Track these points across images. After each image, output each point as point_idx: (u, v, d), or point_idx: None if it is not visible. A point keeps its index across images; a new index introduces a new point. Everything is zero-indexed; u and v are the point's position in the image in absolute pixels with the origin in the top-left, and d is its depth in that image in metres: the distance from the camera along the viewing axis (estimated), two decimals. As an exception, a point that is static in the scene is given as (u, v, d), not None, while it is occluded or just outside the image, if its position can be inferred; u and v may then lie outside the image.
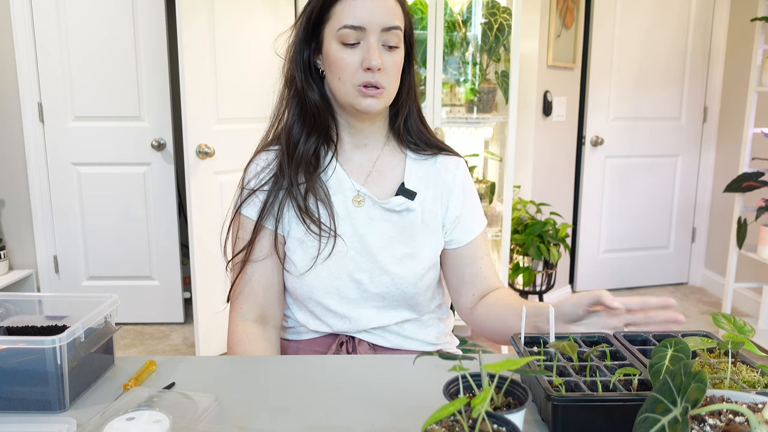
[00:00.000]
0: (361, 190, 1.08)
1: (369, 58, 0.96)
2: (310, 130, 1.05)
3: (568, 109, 3.32)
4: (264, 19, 2.68)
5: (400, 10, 1.01)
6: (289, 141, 1.06)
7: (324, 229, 1.04)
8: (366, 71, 0.98)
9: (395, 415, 0.78)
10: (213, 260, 2.62)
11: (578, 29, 3.28)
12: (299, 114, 1.06)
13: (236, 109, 2.63)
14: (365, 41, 0.97)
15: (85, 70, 2.88)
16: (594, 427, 0.70)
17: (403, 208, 1.08)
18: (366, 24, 0.96)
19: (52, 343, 0.77)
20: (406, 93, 1.08)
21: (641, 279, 3.80)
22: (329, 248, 1.04)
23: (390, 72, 1.00)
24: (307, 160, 1.05)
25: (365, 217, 1.07)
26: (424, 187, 1.10)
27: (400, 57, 1.02)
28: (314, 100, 1.04)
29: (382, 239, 1.06)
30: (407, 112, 1.10)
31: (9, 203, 2.93)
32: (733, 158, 3.46)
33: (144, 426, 0.65)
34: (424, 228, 1.09)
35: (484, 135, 2.86)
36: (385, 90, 1.00)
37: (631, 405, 0.69)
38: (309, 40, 1.03)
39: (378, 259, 1.05)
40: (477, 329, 1.14)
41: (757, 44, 2.78)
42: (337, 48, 0.98)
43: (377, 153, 1.11)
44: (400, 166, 1.11)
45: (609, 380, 0.73)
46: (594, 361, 0.79)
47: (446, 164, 1.13)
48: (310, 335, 1.11)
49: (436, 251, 1.10)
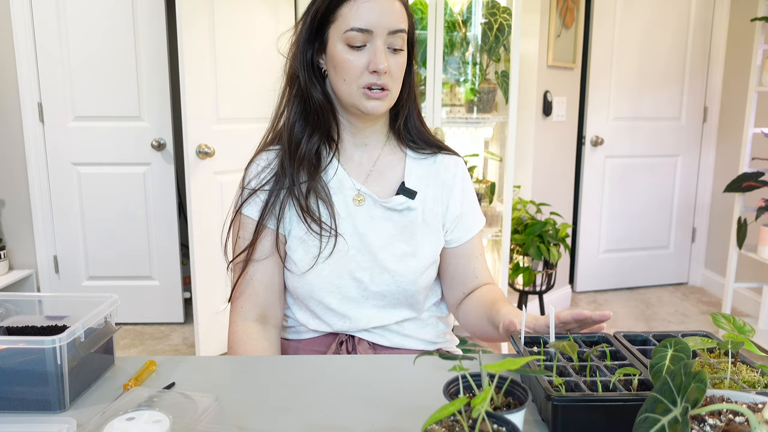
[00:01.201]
0: (362, 189, 1.08)
1: (376, 61, 0.97)
2: (313, 129, 1.06)
3: (568, 109, 3.32)
4: (264, 19, 2.68)
5: (405, 13, 1.02)
6: (291, 140, 1.06)
7: (325, 228, 1.04)
8: (372, 74, 0.98)
9: (395, 415, 0.78)
10: (213, 260, 2.62)
11: (578, 29, 3.28)
12: (301, 113, 1.06)
13: (236, 109, 2.63)
14: (372, 44, 0.98)
15: (85, 70, 2.88)
16: (594, 427, 0.70)
17: (404, 207, 1.08)
18: (373, 27, 0.97)
19: (52, 343, 0.77)
20: (407, 94, 1.09)
21: (641, 279, 3.80)
22: (330, 247, 1.04)
23: (395, 74, 1.01)
24: (309, 159, 1.05)
25: (366, 216, 1.07)
26: (424, 186, 1.11)
27: (404, 59, 1.03)
28: (318, 100, 1.04)
29: (382, 238, 1.07)
30: (407, 112, 1.11)
31: (9, 203, 2.93)
32: (733, 158, 3.46)
33: (144, 426, 0.65)
34: (425, 227, 1.10)
35: (484, 135, 2.86)
36: (390, 92, 1.01)
37: (631, 405, 0.69)
38: (313, 40, 1.03)
39: (378, 257, 1.06)
40: (461, 324, 1.17)
41: (757, 44, 2.78)
42: (343, 50, 0.99)
43: (377, 152, 1.11)
44: (400, 166, 1.12)
45: (609, 380, 0.73)
46: (594, 361, 0.79)
47: (446, 163, 1.14)
48: (310, 334, 1.11)
49: (437, 249, 1.11)
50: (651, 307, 3.47)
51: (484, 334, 1.08)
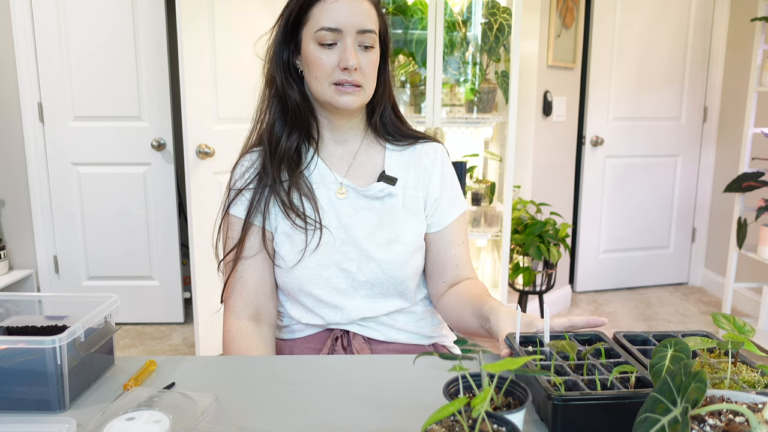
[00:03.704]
0: (344, 182, 1.11)
1: (345, 58, 1.01)
2: (291, 128, 1.10)
3: (568, 109, 3.32)
4: (264, 19, 2.68)
5: (375, 13, 1.06)
6: (271, 139, 1.10)
7: (309, 222, 1.07)
8: (343, 71, 1.02)
9: (395, 415, 0.78)
10: (213, 260, 2.62)
11: (578, 29, 3.28)
12: (280, 113, 1.10)
13: (236, 109, 2.63)
14: (342, 42, 1.02)
15: (85, 70, 2.88)
16: (594, 426, 0.70)
17: (385, 194, 1.11)
18: (342, 26, 1.01)
19: (52, 343, 0.77)
20: (381, 90, 1.12)
21: (641, 279, 3.80)
22: (316, 240, 1.07)
23: (366, 71, 1.04)
24: (289, 156, 1.09)
25: (349, 208, 1.10)
26: (404, 173, 1.14)
27: (376, 56, 1.06)
28: (295, 100, 1.08)
29: (365, 227, 1.09)
30: (383, 108, 1.15)
31: (9, 203, 2.93)
32: (733, 158, 3.46)
33: (144, 426, 0.65)
34: (406, 212, 1.12)
35: (484, 135, 2.86)
36: (363, 88, 1.05)
37: (630, 402, 0.69)
38: (288, 42, 1.07)
39: (363, 247, 1.08)
40: (444, 318, 1.17)
41: (757, 44, 2.78)
42: (314, 49, 1.03)
43: (356, 146, 1.15)
44: (380, 157, 1.15)
45: (607, 378, 0.74)
46: (590, 359, 0.79)
47: (426, 150, 1.17)
48: (305, 332, 1.12)
49: (420, 233, 1.13)
50: (651, 307, 3.47)
51: (465, 327, 1.09)
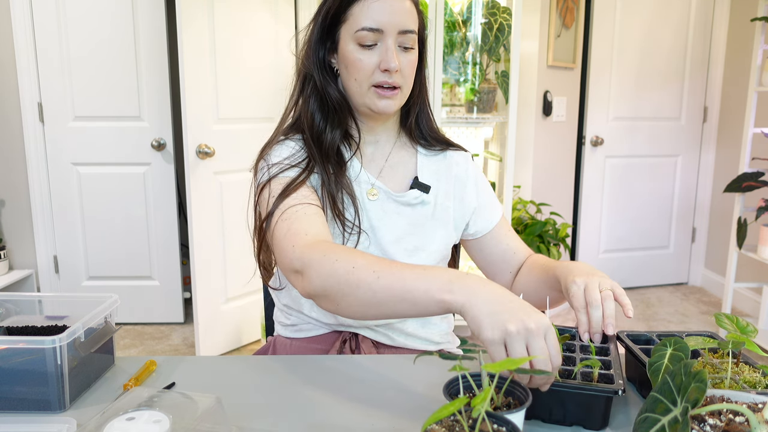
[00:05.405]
0: (376, 183, 1.08)
1: (387, 59, 0.97)
2: (333, 124, 1.06)
3: (568, 109, 3.32)
4: (264, 19, 2.68)
5: (415, 12, 1.03)
6: (312, 132, 1.05)
7: (347, 224, 1.02)
8: (383, 72, 0.99)
9: (395, 415, 0.78)
10: (213, 260, 2.62)
11: (578, 29, 3.28)
12: (319, 108, 1.06)
13: (236, 109, 2.63)
14: (383, 43, 0.98)
15: (85, 69, 2.88)
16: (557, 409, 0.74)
17: (418, 201, 1.10)
18: (384, 26, 0.97)
19: (52, 343, 0.77)
20: (417, 91, 1.10)
21: (641, 279, 3.80)
22: (353, 243, 1.03)
23: (406, 72, 1.02)
24: (333, 153, 1.05)
25: (379, 210, 1.08)
26: (436, 181, 1.13)
27: (415, 57, 1.03)
28: (335, 97, 1.05)
29: (394, 233, 1.07)
30: (418, 110, 1.12)
31: (9, 203, 2.93)
32: (733, 158, 3.46)
33: (144, 426, 0.65)
34: (435, 221, 1.11)
35: (484, 135, 2.86)
36: (401, 90, 1.02)
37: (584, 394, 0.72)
38: (324, 40, 1.04)
39: (389, 252, 1.06)
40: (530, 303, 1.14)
41: (757, 44, 2.78)
42: (354, 49, 0.99)
43: (389, 148, 1.13)
44: (412, 161, 1.13)
45: (572, 369, 0.76)
46: (576, 353, 0.82)
47: (456, 159, 1.16)
48: (313, 332, 1.11)
49: (447, 244, 1.12)
50: (651, 307, 3.47)
51: (553, 300, 1.03)
